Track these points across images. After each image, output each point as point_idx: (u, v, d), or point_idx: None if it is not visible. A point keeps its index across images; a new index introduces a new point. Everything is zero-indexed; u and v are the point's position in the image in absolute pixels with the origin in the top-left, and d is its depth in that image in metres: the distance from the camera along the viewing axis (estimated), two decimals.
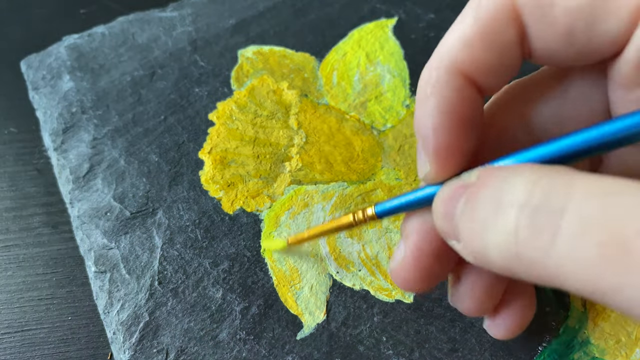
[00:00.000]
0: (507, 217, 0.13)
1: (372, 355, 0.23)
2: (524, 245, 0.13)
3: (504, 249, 0.13)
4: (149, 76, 0.32)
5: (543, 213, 0.12)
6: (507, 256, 0.13)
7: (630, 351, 0.23)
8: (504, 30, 0.16)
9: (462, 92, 0.17)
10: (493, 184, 0.14)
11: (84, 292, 0.27)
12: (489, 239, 0.14)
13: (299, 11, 0.35)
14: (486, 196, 0.14)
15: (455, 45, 0.16)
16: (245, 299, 0.25)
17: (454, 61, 0.16)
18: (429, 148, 0.17)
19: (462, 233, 0.15)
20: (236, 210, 0.27)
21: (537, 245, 0.12)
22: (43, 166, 0.31)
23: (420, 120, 0.17)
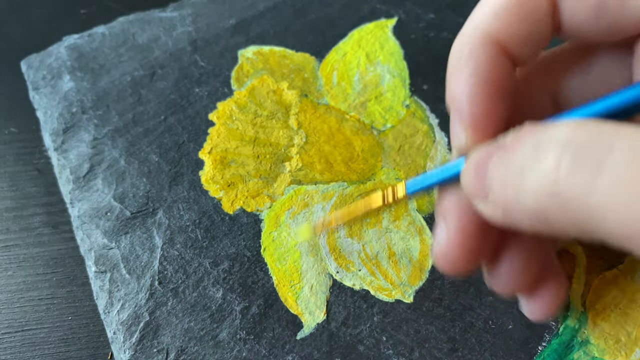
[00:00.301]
0: (548, 155, 0.13)
1: (372, 355, 0.23)
2: (564, 182, 0.12)
3: (542, 189, 0.13)
4: (149, 76, 0.32)
5: (589, 149, 0.12)
6: (544, 197, 0.13)
7: (630, 351, 0.23)
8: (536, 1, 0.16)
9: (496, 61, 0.17)
10: (532, 133, 0.14)
11: (84, 292, 0.27)
12: (525, 183, 0.13)
13: (299, 11, 0.35)
14: (526, 142, 0.14)
15: (489, 14, 0.16)
16: (245, 298, 0.25)
17: (487, 30, 0.16)
18: (465, 117, 0.17)
19: (494, 185, 0.15)
20: (236, 210, 0.27)
21: (579, 180, 0.12)
22: (43, 166, 0.31)
23: (455, 90, 0.17)
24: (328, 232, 0.25)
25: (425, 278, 0.25)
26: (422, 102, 0.31)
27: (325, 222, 0.24)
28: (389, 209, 0.27)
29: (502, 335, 0.24)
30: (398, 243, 0.26)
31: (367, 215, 0.22)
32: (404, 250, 0.26)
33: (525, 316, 0.24)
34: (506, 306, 0.24)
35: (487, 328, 0.24)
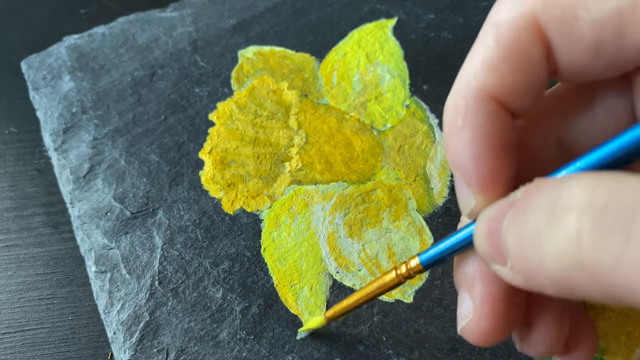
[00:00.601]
0: (567, 222, 0.12)
1: (372, 354, 0.23)
2: (589, 252, 0.11)
3: (564, 258, 0.12)
4: (149, 76, 0.32)
5: (611, 213, 0.11)
6: (568, 267, 0.12)
7: (630, 351, 0.23)
8: (529, 49, 0.15)
9: (495, 117, 0.16)
10: (545, 191, 0.13)
11: (85, 292, 0.27)
12: (544, 249, 0.12)
13: (299, 11, 0.35)
14: (539, 203, 0.13)
15: (480, 70, 0.16)
16: (245, 298, 0.25)
17: (481, 86, 0.16)
18: (472, 181, 0.16)
19: (511, 249, 0.14)
20: (236, 210, 0.27)
21: (605, 249, 0.11)
22: (43, 166, 0.31)
23: (456, 152, 0.16)
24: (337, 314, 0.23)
25: (425, 278, 0.25)
26: (422, 102, 0.31)
27: (337, 311, 0.22)
28: (389, 209, 0.27)
29: None
30: (398, 243, 0.26)
31: (382, 293, 0.20)
32: (404, 250, 0.26)
33: None
34: None
35: None
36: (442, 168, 0.28)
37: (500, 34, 0.15)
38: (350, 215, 0.27)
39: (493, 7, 0.16)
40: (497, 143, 0.16)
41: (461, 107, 0.16)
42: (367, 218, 0.27)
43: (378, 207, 0.27)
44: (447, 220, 0.27)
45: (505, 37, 0.15)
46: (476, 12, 0.34)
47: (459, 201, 0.17)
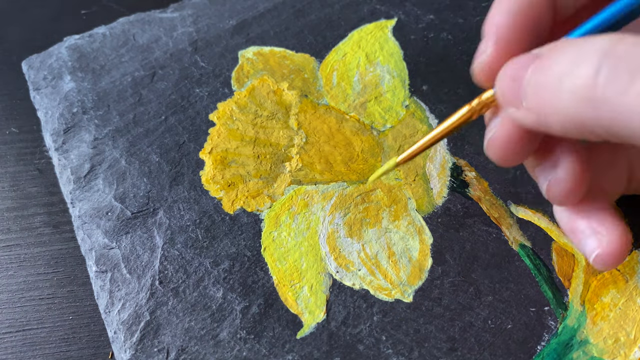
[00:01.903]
0: (589, 63, 0.14)
1: (371, 354, 0.23)
2: (601, 87, 0.14)
3: (579, 93, 0.15)
4: (150, 77, 0.32)
5: (627, 61, 0.14)
6: (580, 101, 0.15)
7: (629, 351, 0.23)
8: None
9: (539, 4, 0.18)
10: (572, 44, 0.15)
11: (85, 292, 0.27)
12: (562, 86, 0.15)
13: (299, 12, 0.35)
14: (565, 52, 0.15)
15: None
16: (245, 298, 0.25)
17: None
18: (493, 36, 0.18)
19: (530, 90, 0.16)
20: (237, 210, 0.27)
21: (615, 86, 0.14)
22: (44, 166, 0.31)
23: (492, 18, 0.19)
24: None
25: (424, 278, 0.25)
26: (421, 103, 0.31)
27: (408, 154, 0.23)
28: (389, 209, 0.27)
29: (502, 335, 0.24)
30: (398, 243, 0.26)
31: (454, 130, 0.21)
32: (404, 250, 0.26)
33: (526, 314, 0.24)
34: (505, 306, 0.24)
35: (486, 328, 0.24)
36: (441, 168, 0.28)
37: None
38: (350, 215, 0.27)
39: None
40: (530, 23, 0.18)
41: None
42: (367, 218, 0.27)
43: (378, 207, 0.27)
44: (447, 220, 0.27)
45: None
46: (476, 12, 0.34)
47: (475, 57, 0.20)
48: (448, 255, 0.26)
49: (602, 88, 0.14)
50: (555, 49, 0.16)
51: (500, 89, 0.18)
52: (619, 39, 0.14)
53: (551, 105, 0.16)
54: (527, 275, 0.25)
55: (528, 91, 0.17)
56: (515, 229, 0.26)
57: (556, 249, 0.26)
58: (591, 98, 0.14)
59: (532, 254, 0.26)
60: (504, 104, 0.18)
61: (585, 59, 0.15)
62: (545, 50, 0.17)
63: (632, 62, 0.14)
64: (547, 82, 0.16)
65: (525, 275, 0.25)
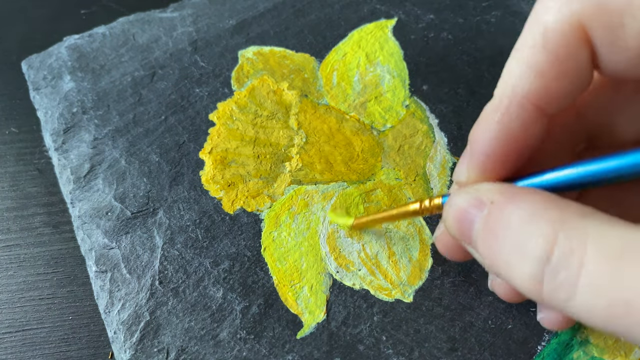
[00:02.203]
0: (531, 266, 0.15)
1: (372, 354, 0.23)
2: (546, 294, 0.15)
3: (528, 288, 0.15)
4: (150, 76, 0.32)
5: (563, 271, 0.14)
6: (531, 293, 0.15)
7: (629, 351, 0.23)
8: (576, 56, 0.15)
9: (528, 125, 0.17)
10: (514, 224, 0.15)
11: (85, 292, 0.27)
12: (514, 274, 0.15)
13: (299, 12, 0.35)
14: (508, 238, 0.15)
15: (526, 74, 0.16)
16: (245, 298, 0.25)
17: (526, 93, 0.16)
18: (476, 164, 0.18)
19: (483, 255, 0.16)
20: (237, 210, 0.27)
21: (558, 296, 0.14)
22: (44, 166, 0.31)
23: (480, 138, 0.18)
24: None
25: (425, 278, 0.25)
26: (421, 103, 0.31)
27: (362, 220, 0.25)
28: None
29: (502, 335, 0.24)
30: (398, 243, 0.26)
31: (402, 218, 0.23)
32: (404, 250, 0.26)
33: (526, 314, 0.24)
34: (506, 306, 0.24)
35: (486, 328, 0.24)
36: (441, 168, 0.28)
37: (548, 37, 0.15)
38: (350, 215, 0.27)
39: (539, 3, 0.16)
40: (518, 146, 0.17)
41: (503, 106, 0.17)
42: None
43: (378, 207, 0.27)
44: None
45: (553, 41, 0.15)
46: (476, 12, 0.34)
47: (456, 168, 0.19)
48: None
49: (546, 295, 0.15)
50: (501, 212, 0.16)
51: (449, 227, 0.18)
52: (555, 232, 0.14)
53: (506, 279, 0.16)
54: None
55: (479, 249, 0.17)
56: None
57: None
58: (539, 295, 0.15)
59: None
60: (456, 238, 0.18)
61: (526, 252, 0.15)
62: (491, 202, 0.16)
63: (568, 273, 0.14)
64: (498, 259, 0.16)
65: None
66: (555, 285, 0.14)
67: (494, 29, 0.34)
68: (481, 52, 0.32)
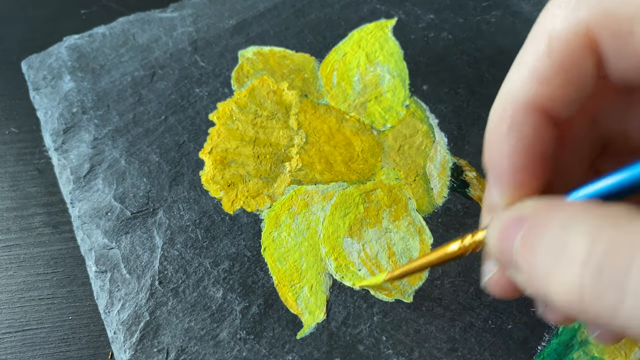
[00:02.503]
0: (570, 272, 0.13)
1: (371, 354, 0.23)
2: (589, 303, 0.13)
3: (568, 300, 0.14)
4: (150, 76, 0.32)
5: (607, 272, 0.12)
6: (573, 306, 0.14)
7: (629, 351, 0.23)
8: (582, 63, 0.15)
9: (539, 129, 0.16)
10: (553, 229, 0.14)
11: (85, 292, 0.27)
12: (552, 287, 0.14)
13: (299, 12, 0.35)
14: (547, 242, 0.14)
15: (529, 80, 0.16)
16: (245, 298, 0.25)
17: (530, 98, 0.16)
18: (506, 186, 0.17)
19: (523, 271, 0.15)
20: (236, 210, 0.27)
21: (603, 304, 0.13)
22: (44, 166, 0.31)
23: (496, 157, 0.17)
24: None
25: (425, 278, 0.25)
26: (421, 103, 0.31)
27: (397, 274, 0.23)
28: (389, 209, 0.27)
29: (502, 335, 0.24)
30: (398, 243, 0.26)
31: (443, 263, 0.21)
32: (404, 250, 0.26)
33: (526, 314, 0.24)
34: (506, 306, 0.24)
35: (486, 328, 0.24)
36: (441, 168, 0.28)
37: (553, 45, 0.15)
38: (350, 215, 0.27)
39: (545, 11, 0.16)
40: (538, 154, 0.16)
41: (508, 116, 0.16)
42: (367, 218, 0.27)
43: (378, 207, 0.27)
44: (447, 220, 0.27)
45: (558, 49, 0.15)
46: (476, 12, 0.34)
47: (485, 197, 0.18)
48: None
49: (589, 303, 0.13)
50: (539, 223, 0.15)
51: (492, 251, 0.17)
52: (599, 230, 0.13)
53: (546, 297, 0.15)
54: None
55: (519, 266, 0.15)
56: None
57: None
58: (581, 308, 0.13)
59: None
60: (501, 264, 0.17)
61: (567, 255, 0.13)
62: (528, 211, 0.15)
63: (616, 271, 0.12)
64: (535, 273, 0.15)
65: None
66: (599, 290, 0.13)
67: (494, 29, 0.34)
68: (481, 52, 0.32)
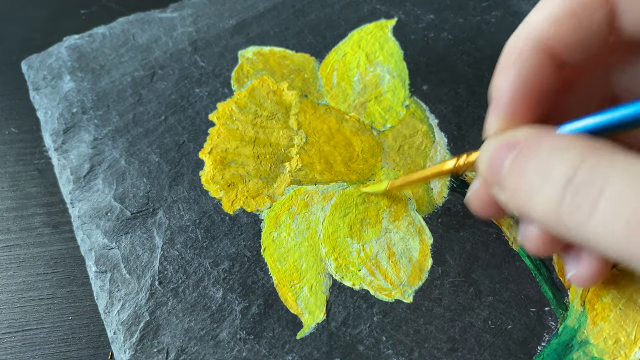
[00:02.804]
0: (554, 188, 0.15)
1: (371, 354, 0.23)
2: (565, 215, 0.15)
3: (547, 213, 0.16)
4: (150, 76, 0.32)
5: (585, 191, 0.14)
6: (549, 219, 0.16)
7: (629, 351, 0.23)
8: (595, 10, 0.17)
9: (543, 67, 0.18)
10: (542, 154, 0.16)
11: (85, 292, 0.27)
12: (534, 202, 0.16)
13: (299, 12, 0.35)
14: (535, 164, 0.16)
15: (544, 21, 0.17)
16: (245, 298, 0.25)
17: (540, 37, 0.17)
18: (501, 112, 0.18)
19: (508, 189, 0.17)
20: (236, 210, 0.27)
21: (576, 217, 0.15)
22: (44, 166, 0.31)
23: (499, 85, 0.19)
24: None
25: (424, 278, 0.25)
26: (421, 103, 0.31)
27: (397, 182, 0.25)
28: (389, 209, 0.27)
29: (502, 335, 0.24)
30: (398, 243, 0.26)
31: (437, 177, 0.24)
32: (404, 250, 0.26)
33: (526, 314, 0.24)
34: (506, 306, 0.24)
35: (486, 328, 0.24)
36: None
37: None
38: (350, 215, 0.27)
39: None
40: (536, 89, 0.18)
41: (517, 49, 0.18)
42: (367, 218, 0.27)
43: (378, 207, 0.27)
44: (447, 220, 0.27)
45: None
46: (476, 12, 0.34)
47: (485, 123, 0.20)
48: (448, 256, 0.26)
49: (564, 217, 0.15)
50: (530, 148, 0.16)
51: (480, 168, 0.19)
52: (584, 155, 0.15)
53: (526, 210, 0.16)
54: (528, 275, 0.25)
55: (505, 185, 0.17)
56: (515, 229, 0.26)
57: None
58: (558, 221, 0.15)
59: None
60: (485, 180, 0.18)
61: (552, 176, 0.15)
62: (520, 137, 0.17)
63: (590, 192, 0.14)
64: (520, 190, 0.16)
65: (525, 276, 0.25)
66: (574, 206, 0.14)
67: (494, 29, 0.34)
68: (481, 52, 0.32)
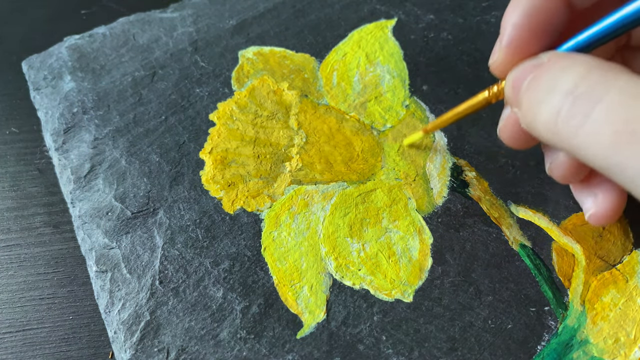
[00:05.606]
0: (554, 99, 0.16)
1: (371, 354, 0.23)
2: (561, 124, 0.16)
3: (547, 124, 0.17)
4: (150, 76, 0.32)
5: (582, 100, 0.16)
6: (549, 130, 0.17)
7: (629, 351, 0.23)
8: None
9: (552, 5, 0.19)
10: (552, 70, 0.17)
11: (85, 292, 0.27)
12: (538, 114, 0.17)
13: (299, 12, 0.35)
14: (545, 80, 0.17)
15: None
16: (245, 298, 0.25)
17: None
18: (504, 40, 0.20)
19: (522, 105, 0.19)
20: (237, 210, 0.27)
21: (570, 124, 0.16)
22: (44, 166, 0.31)
23: (506, 15, 0.20)
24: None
25: (424, 278, 0.25)
26: (421, 103, 0.31)
27: (434, 125, 0.27)
28: (389, 209, 0.27)
29: (502, 335, 0.24)
30: (398, 243, 0.26)
31: (469, 112, 0.25)
32: (404, 250, 0.26)
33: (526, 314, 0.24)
34: (505, 306, 0.24)
35: (486, 327, 0.24)
36: (441, 168, 0.28)
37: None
38: (350, 215, 0.27)
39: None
40: (543, 23, 0.19)
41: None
42: (367, 218, 0.27)
43: (378, 206, 0.27)
44: (447, 220, 0.27)
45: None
46: (476, 12, 0.34)
47: (491, 55, 0.21)
48: (448, 255, 0.26)
49: (561, 124, 0.16)
50: (548, 64, 0.18)
51: (506, 92, 0.20)
52: (588, 71, 0.16)
53: (533, 125, 0.18)
54: (527, 275, 0.25)
55: (522, 102, 0.19)
56: (515, 229, 0.26)
57: (556, 249, 0.26)
58: (555, 132, 0.17)
59: (532, 254, 0.26)
60: (508, 103, 0.20)
61: (557, 88, 0.17)
62: (545, 60, 0.18)
63: (586, 104, 0.15)
64: (530, 104, 0.18)
65: (525, 275, 0.25)
66: (570, 115, 0.16)
67: (494, 29, 0.34)
68: (481, 52, 0.32)
